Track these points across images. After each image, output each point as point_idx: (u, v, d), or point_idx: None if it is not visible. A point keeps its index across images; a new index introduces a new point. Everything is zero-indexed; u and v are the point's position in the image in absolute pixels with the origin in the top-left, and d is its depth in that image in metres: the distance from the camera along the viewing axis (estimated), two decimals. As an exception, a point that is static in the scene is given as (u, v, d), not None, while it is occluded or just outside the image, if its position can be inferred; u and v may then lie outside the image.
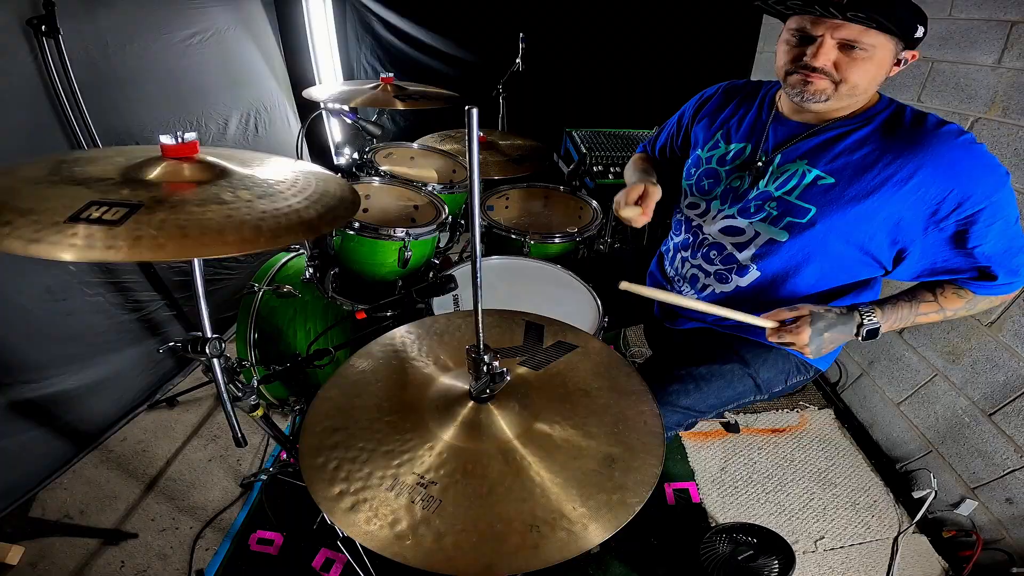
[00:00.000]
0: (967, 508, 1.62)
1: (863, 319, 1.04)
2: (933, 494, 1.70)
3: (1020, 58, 1.47)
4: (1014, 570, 1.48)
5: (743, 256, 1.16)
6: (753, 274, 1.17)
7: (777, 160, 1.11)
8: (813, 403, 2.18)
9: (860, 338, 1.05)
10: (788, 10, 0.95)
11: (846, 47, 0.93)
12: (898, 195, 0.97)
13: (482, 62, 2.63)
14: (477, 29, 2.69)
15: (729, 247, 1.19)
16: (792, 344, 1.03)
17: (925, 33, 0.94)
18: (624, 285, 0.96)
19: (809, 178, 1.06)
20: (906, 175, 0.96)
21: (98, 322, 1.71)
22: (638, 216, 1.18)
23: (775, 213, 1.09)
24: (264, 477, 1.65)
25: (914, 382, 1.83)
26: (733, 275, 1.19)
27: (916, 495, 1.75)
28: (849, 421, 2.09)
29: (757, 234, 1.13)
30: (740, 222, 1.16)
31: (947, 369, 1.71)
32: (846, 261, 1.08)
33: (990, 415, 1.56)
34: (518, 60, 2.27)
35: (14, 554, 1.41)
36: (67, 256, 0.60)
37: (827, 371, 2.26)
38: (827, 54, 0.94)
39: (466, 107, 0.55)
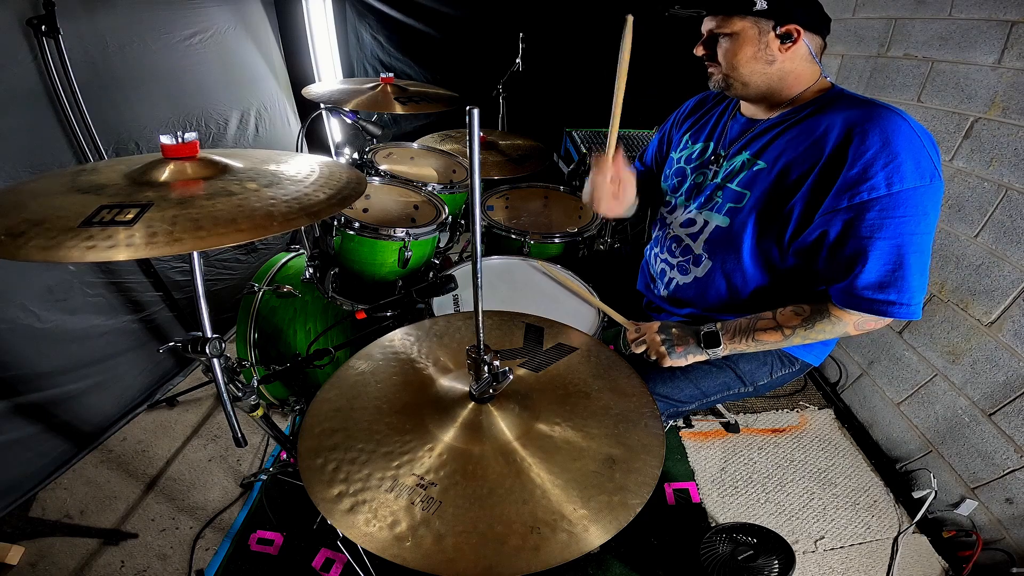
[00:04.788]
0: (967, 508, 1.62)
1: (702, 325, 1.15)
2: (933, 494, 1.70)
3: (1020, 58, 1.46)
4: (1014, 570, 1.48)
5: (696, 245, 1.21)
6: (705, 263, 1.20)
7: (729, 153, 1.17)
8: (813, 403, 2.18)
9: (702, 345, 1.14)
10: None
11: (713, 36, 1.05)
12: (819, 168, 0.98)
13: (482, 62, 2.62)
14: (477, 29, 2.69)
15: (686, 239, 1.24)
16: (644, 337, 1.19)
17: (776, 3, 0.96)
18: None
19: (747, 165, 1.11)
20: (828, 150, 0.97)
21: (99, 322, 1.71)
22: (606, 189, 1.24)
23: (720, 201, 1.15)
24: (264, 477, 1.65)
25: (914, 382, 1.83)
26: (691, 266, 1.24)
27: (916, 495, 1.75)
28: (849, 421, 2.09)
29: (706, 223, 1.18)
30: (694, 214, 1.21)
31: (947, 369, 1.71)
32: (770, 248, 1.10)
33: (990, 415, 1.56)
34: (518, 60, 2.27)
35: (14, 554, 1.41)
36: (90, 257, 0.62)
37: (827, 371, 2.26)
38: (699, 46, 1.09)
39: (467, 107, 0.55)
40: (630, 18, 1.05)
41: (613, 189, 1.23)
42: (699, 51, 1.09)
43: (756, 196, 1.07)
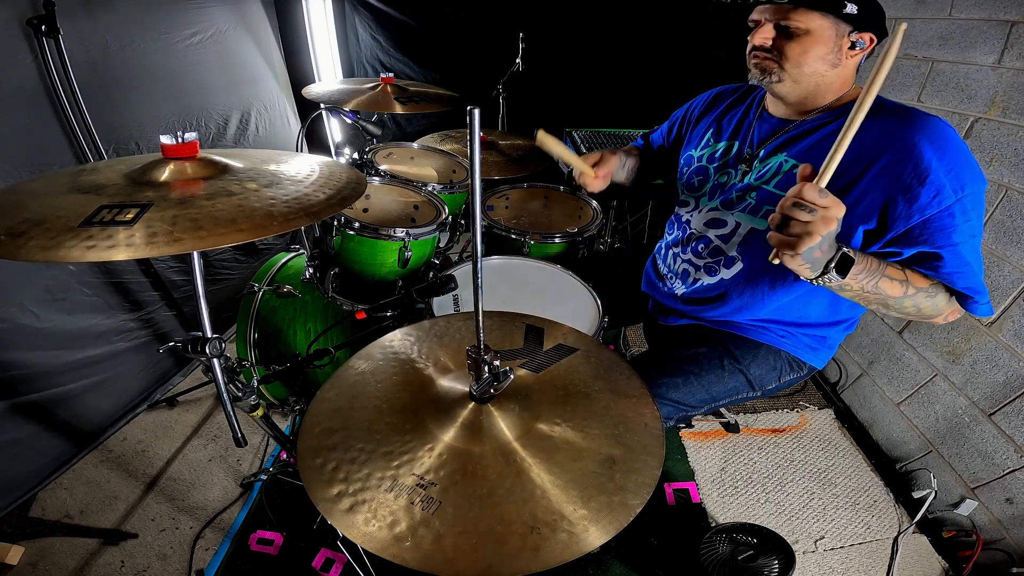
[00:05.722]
0: (967, 508, 1.62)
1: (841, 245, 0.90)
2: (933, 494, 1.70)
3: (1020, 58, 1.46)
4: (1014, 570, 1.48)
5: (729, 247, 1.19)
6: (738, 266, 1.19)
7: (760, 154, 1.15)
8: (813, 403, 2.18)
9: (833, 264, 0.88)
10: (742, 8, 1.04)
11: (782, 28, 1.00)
12: (868, 181, 0.97)
13: (482, 62, 2.62)
14: (477, 29, 2.69)
15: (715, 239, 1.22)
16: (819, 215, 0.81)
17: (868, 11, 0.96)
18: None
19: (786, 167, 1.09)
20: (878, 160, 0.96)
21: (98, 322, 1.71)
22: (590, 175, 1.34)
23: (754, 203, 1.13)
24: (264, 477, 1.65)
25: (914, 382, 1.83)
26: (720, 267, 1.22)
27: (916, 495, 1.75)
28: (849, 421, 2.09)
29: (739, 224, 1.16)
30: (721, 213, 1.19)
31: (947, 369, 1.71)
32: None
33: (990, 415, 1.56)
34: (518, 60, 2.27)
35: (14, 554, 1.41)
36: (90, 257, 0.62)
37: (827, 371, 2.26)
38: (762, 33, 1.02)
39: (468, 107, 0.55)
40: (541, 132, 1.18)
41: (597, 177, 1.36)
42: (764, 40, 1.01)
43: None
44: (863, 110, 0.74)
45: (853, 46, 0.99)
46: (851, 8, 0.95)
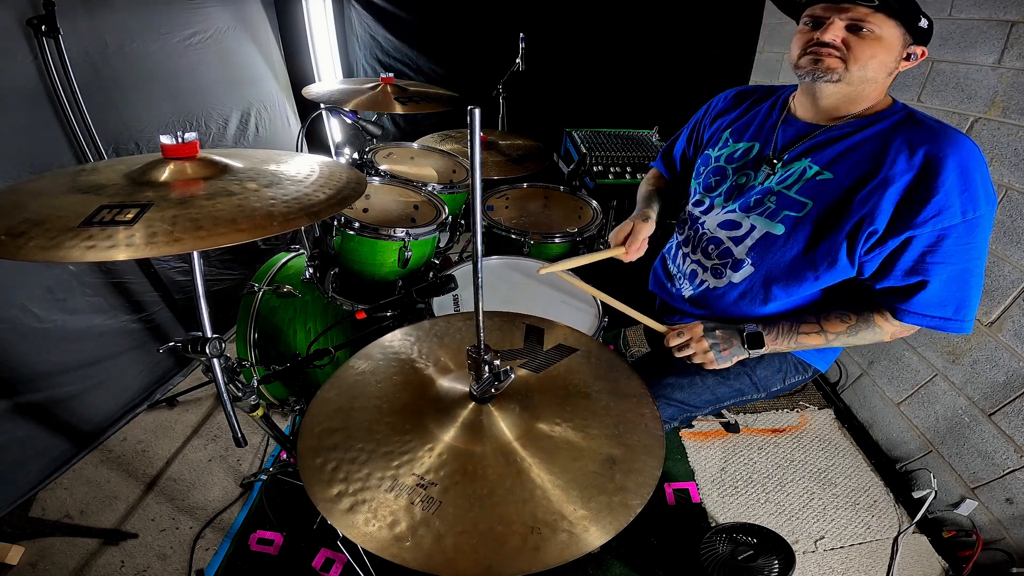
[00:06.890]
0: (967, 508, 1.62)
1: (743, 325, 1.16)
2: (933, 494, 1.70)
3: (1020, 58, 1.46)
4: (1014, 570, 1.48)
5: (739, 250, 1.17)
6: (747, 269, 1.17)
7: (785, 158, 1.13)
8: (813, 403, 2.18)
9: (745, 346, 1.15)
10: (804, 4, 1.02)
11: (854, 28, 0.97)
12: (891, 193, 0.97)
13: (482, 62, 2.62)
14: (477, 28, 2.69)
15: (726, 241, 1.20)
16: (689, 341, 1.18)
17: (931, 27, 0.98)
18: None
19: (809, 173, 1.07)
20: (905, 173, 0.96)
21: (99, 322, 1.71)
22: (622, 254, 1.32)
23: (773, 207, 1.11)
24: (264, 477, 1.65)
25: (914, 382, 1.83)
26: (727, 270, 1.20)
27: (916, 495, 1.75)
28: (849, 421, 2.09)
29: (753, 227, 1.14)
30: (738, 216, 1.17)
31: (947, 369, 1.71)
32: (834, 259, 1.07)
33: (990, 415, 1.56)
34: (518, 60, 2.27)
35: (14, 554, 1.41)
36: (90, 257, 0.62)
37: (827, 371, 2.26)
38: (835, 30, 0.98)
39: (468, 107, 0.55)
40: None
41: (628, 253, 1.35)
42: (836, 37, 0.98)
43: (821, 207, 1.04)
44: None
45: (907, 57, 1.00)
46: (924, 23, 0.97)
